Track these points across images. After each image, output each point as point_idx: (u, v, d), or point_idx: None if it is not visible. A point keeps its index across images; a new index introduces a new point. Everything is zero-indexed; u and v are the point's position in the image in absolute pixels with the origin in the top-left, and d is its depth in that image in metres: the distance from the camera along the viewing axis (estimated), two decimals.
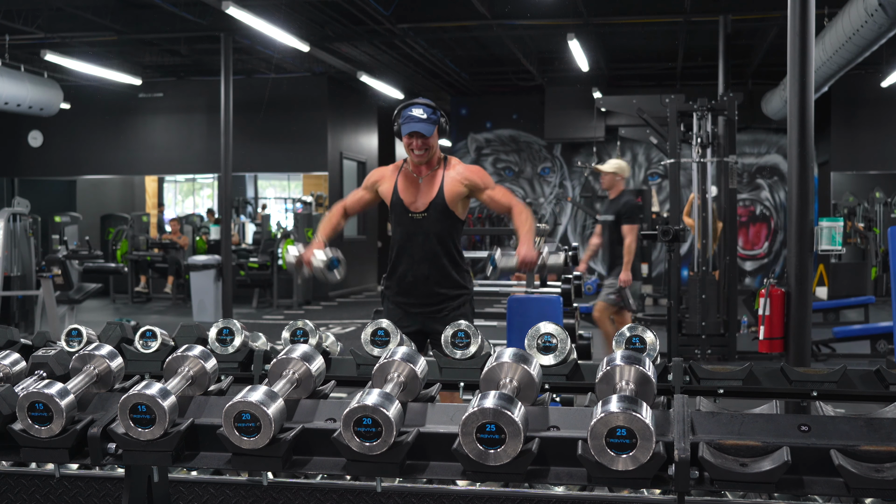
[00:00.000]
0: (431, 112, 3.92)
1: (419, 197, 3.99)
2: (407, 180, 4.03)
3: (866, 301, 11.13)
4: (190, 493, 1.98)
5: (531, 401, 1.75)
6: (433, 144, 3.95)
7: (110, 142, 16.02)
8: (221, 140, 11.58)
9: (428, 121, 3.88)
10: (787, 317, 5.33)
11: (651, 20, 11.99)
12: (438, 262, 3.96)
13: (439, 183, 3.97)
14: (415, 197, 4.00)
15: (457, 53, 14.50)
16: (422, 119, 3.87)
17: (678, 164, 7.96)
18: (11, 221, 9.08)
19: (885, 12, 7.33)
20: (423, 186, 4.00)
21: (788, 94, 5.28)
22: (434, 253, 3.97)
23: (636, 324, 2.19)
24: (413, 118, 3.88)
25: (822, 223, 5.41)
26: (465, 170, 4.01)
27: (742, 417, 1.62)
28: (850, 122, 15.17)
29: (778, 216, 16.69)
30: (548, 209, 17.34)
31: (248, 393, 1.61)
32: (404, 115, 3.91)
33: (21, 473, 2.06)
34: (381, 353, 2.24)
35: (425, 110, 3.89)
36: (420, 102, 3.93)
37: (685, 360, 2.09)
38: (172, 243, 14.56)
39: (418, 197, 3.99)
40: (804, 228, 5.16)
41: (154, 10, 11.36)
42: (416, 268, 3.99)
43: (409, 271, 4.01)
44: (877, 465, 1.50)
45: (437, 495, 1.91)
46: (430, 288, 3.98)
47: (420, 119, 3.87)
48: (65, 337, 2.33)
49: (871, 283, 14.25)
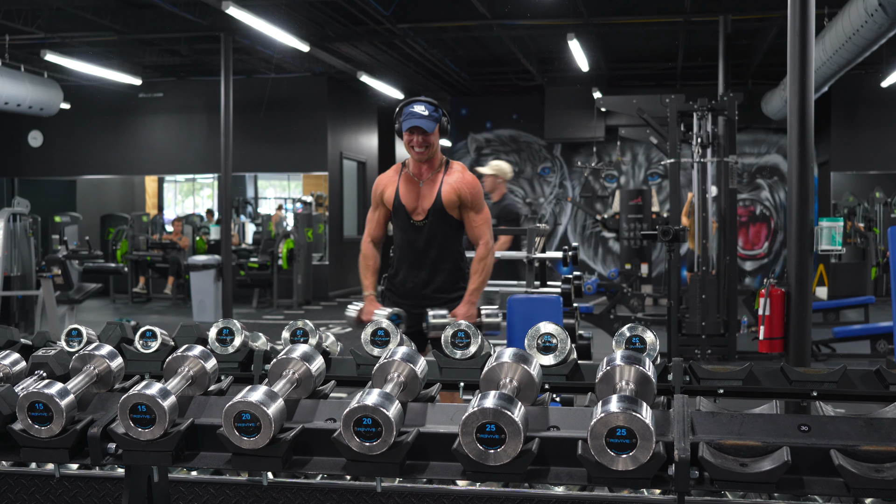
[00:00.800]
0: (433, 109, 3.90)
1: (420, 202, 3.97)
2: (408, 184, 4.00)
3: (866, 301, 11.13)
4: (190, 493, 1.98)
5: (531, 401, 1.75)
6: (434, 142, 3.92)
7: (110, 142, 16.02)
8: (221, 140, 11.58)
9: (429, 118, 3.85)
10: (787, 317, 5.33)
11: (651, 20, 11.99)
12: (439, 267, 3.97)
13: (438, 187, 3.95)
14: (416, 202, 3.98)
15: (457, 53, 14.50)
16: (423, 115, 3.84)
17: (678, 164, 7.96)
18: (11, 221, 9.07)
19: (885, 12, 7.33)
20: (423, 190, 3.97)
21: (788, 94, 5.28)
22: (435, 259, 3.98)
23: (636, 324, 2.19)
24: (414, 114, 3.85)
25: (822, 223, 5.41)
26: (461, 180, 3.97)
27: (742, 417, 1.62)
28: (850, 122, 15.17)
29: (778, 216, 16.69)
30: (548, 209, 17.33)
31: (248, 393, 1.61)
32: (406, 112, 3.88)
33: (21, 473, 2.06)
34: (381, 353, 2.24)
35: (427, 107, 3.87)
36: (422, 100, 3.91)
37: (685, 360, 2.09)
38: (172, 243, 14.57)
39: (419, 202, 3.97)
40: (804, 228, 5.16)
41: (154, 10, 11.36)
42: (417, 273, 4.00)
43: (410, 277, 4.02)
44: (877, 465, 1.50)
45: (437, 495, 1.91)
46: (431, 292, 4.00)
47: (421, 115, 3.84)
48: (65, 337, 2.33)
49: (871, 283, 14.25)
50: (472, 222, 3.96)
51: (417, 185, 4.00)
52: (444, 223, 3.97)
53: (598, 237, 17.20)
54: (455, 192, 3.93)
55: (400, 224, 4.05)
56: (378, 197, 4.11)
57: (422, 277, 3.98)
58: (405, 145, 3.93)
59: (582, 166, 15.98)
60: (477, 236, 3.96)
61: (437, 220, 3.96)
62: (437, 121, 3.89)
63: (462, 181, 3.96)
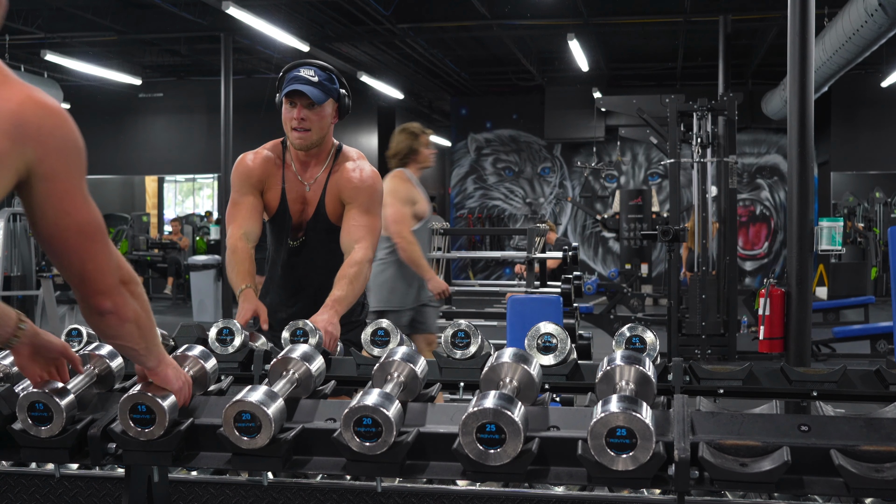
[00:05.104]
0: (327, 77, 2.83)
1: (303, 214, 2.97)
2: (293, 185, 2.96)
3: (866, 301, 11.13)
4: (190, 493, 1.98)
5: (531, 401, 1.75)
6: (323, 122, 2.85)
7: (110, 142, 16.03)
8: (221, 140, 11.59)
9: (319, 85, 2.80)
10: (787, 317, 5.33)
11: (651, 20, 12.00)
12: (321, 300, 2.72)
13: (322, 191, 2.93)
14: (300, 215, 2.97)
15: (457, 53, 14.50)
16: (310, 81, 2.79)
17: (678, 164, 7.96)
18: (11, 221, 9.08)
19: (885, 12, 7.33)
20: (309, 196, 2.95)
21: (788, 94, 5.28)
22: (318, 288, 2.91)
23: (636, 324, 2.19)
24: (300, 78, 2.79)
25: (822, 223, 5.42)
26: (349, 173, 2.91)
27: (742, 417, 1.62)
28: (850, 122, 15.18)
29: (778, 216, 16.70)
30: (548, 209, 17.34)
31: (248, 393, 1.61)
32: (288, 77, 2.83)
33: (21, 473, 2.05)
34: (381, 353, 2.24)
35: (319, 73, 2.82)
36: (314, 63, 2.86)
37: (685, 360, 2.09)
38: (172, 243, 14.57)
39: (302, 215, 2.97)
40: (804, 228, 5.16)
41: (154, 10, 11.37)
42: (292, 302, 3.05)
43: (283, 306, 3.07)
44: (877, 465, 1.50)
45: (437, 495, 1.91)
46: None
47: (308, 80, 2.79)
48: (65, 337, 2.33)
49: (871, 283, 14.25)
50: (352, 221, 2.85)
51: (303, 188, 2.95)
52: (329, 241, 2.91)
53: (598, 237, 17.21)
54: (339, 195, 2.91)
55: (275, 234, 3.04)
56: (250, 182, 2.95)
57: (297, 309, 2.93)
58: (284, 124, 2.88)
59: (582, 166, 15.99)
60: (354, 238, 2.82)
61: (319, 238, 2.95)
62: (331, 93, 2.84)
63: (353, 174, 2.90)
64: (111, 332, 1.58)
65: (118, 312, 1.54)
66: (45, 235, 1.45)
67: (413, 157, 4.94)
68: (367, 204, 2.86)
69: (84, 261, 1.47)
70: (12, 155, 1.34)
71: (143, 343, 1.63)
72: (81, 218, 1.45)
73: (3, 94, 1.37)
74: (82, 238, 1.46)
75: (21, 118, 1.36)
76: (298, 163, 2.94)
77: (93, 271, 1.49)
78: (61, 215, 1.42)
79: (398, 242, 4.75)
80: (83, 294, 1.51)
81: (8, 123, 1.34)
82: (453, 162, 18.06)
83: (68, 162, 1.42)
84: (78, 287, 1.51)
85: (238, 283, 2.81)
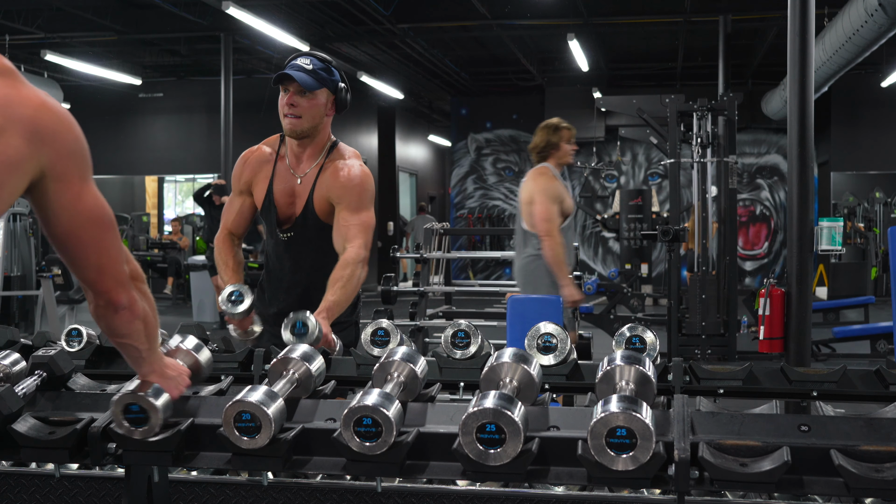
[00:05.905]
0: (323, 67, 2.86)
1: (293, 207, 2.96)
2: (284, 177, 2.96)
3: (866, 301, 11.13)
4: (190, 493, 1.98)
5: (531, 401, 1.75)
6: (316, 110, 2.85)
7: (110, 142, 16.02)
8: (221, 140, 11.59)
9: (313, 73, 2.81)
10: (787, 317, 5.33)
11: (651, 20, 12.00)
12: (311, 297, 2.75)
13: (312, 185, 2.92)
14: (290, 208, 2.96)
15: (457, 53, 14.51)
16: (305, 68, 2.81)
17: (678, 164, 7.95)
18: (11, 221, 9.07)
19: (885, 12, 7.33)
20: (299, 189, 2.94)
21: (788, 94, 5.29)
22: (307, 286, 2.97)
23: (636, 324, 2.19)
24: (294, 65, 2.83)
25: (822, 223, 5.42)
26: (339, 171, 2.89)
27: (742, 417, 1.62)
28: (850, 122, 15.18)
29: (778, 216, 16.69)
30: None
31: (248, 393, 1.61)
32: (285, 65, 2.88)
33: (21, 473, 2.05)
34: (381, 353, 2.24)
35: (315, 62, 2.84)
36: (312, 53, 2.90)
37: (685, 360, 2.09)
38: (172, 243, 14.57)
39: (293, 207, 2.96)
40: (804, 228, 5.16)
41: (154, 10, 11.37)
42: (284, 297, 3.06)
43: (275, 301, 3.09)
44: (877, 465, 1.50)
45: (437, 495, 1.91)
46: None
47: (303, 68, 2.81)
48: (65, 337, 2.33)
49: (871, 283, 14.25)
50: (343, 221, 2.82)
51: (294, 181, 2.94)
52: (319, 238, 2.91)
53: (598, 237, 17.20)
54: (327, 194, 2.88)
55: (268, 230, 3.04)
56: (238, 184, 3.03)
57: (289, 303, 2.92)
58: (280, 111, 2.88)
59: (582, 166, 15.98)
60: (346, 238, 2.79)
61: (307, 234, 2.94)
62: (325, 83, 2.85)
63: (341, 173, 2.87)
64: (123, 329, 1.61)
65: (132, 308, 1.58)
66: (59, 233, 1.50)
67: (552, 151, 4.95)
68: (356, 203, 2.84)
69: (100, 252, 1.52)
70: (30, 158, 1.42)
71: (146, 343, 1.65)
72: (95, 210, 1.51)
73: (21, 97, 1.44)
74: (97, 229, 1.51)
75: (38, 124, 1.44)
76: (293, 155, 2.95)
77: (109, 263, 1.54)
78: (75, 211, 1.48)
79: (545, 241, 4.70)
80: (101, 289, 1.55)
81: (26, 129, 1.42)
82: (453, 162, 18.07)
83: (78, 163, 1.50)
84: (95, 282, 1.54)
85: (224, 280, 2.91)
